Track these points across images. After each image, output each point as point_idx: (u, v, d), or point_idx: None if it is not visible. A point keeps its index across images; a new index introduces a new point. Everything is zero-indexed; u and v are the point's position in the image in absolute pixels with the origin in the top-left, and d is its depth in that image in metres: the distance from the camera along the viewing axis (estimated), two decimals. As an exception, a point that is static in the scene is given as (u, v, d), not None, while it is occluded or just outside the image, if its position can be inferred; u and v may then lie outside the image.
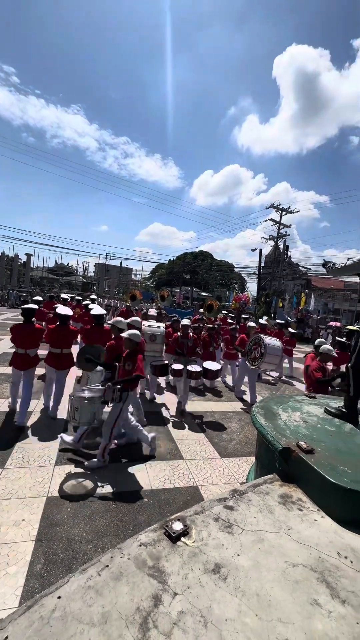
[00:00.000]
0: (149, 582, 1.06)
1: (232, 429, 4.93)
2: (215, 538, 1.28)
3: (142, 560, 1.14)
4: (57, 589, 1.02)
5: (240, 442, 4.48)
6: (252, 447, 4.33)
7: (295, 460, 1.72)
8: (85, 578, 1.06)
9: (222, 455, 4.02)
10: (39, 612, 0.93)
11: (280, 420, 2.27)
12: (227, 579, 1.09)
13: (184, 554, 1.19)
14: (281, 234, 26.53)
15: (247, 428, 5.00)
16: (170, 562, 1.14)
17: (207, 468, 3.65)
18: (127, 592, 1.01)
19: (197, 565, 1.14)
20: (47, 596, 0.99)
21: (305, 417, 2.38)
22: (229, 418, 5.37)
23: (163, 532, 1.28)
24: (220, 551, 1.22)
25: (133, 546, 1.21)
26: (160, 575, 1.09)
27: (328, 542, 1.30)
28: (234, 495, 1.57)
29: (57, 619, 0.92)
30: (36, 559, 2.18)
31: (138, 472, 3.40)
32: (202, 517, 1.40)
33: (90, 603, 0.97)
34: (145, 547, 1.21)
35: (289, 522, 1.40)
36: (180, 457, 3.85)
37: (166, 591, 1.03)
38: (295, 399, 2.86)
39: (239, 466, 3.77)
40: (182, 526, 1.31)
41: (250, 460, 3.94)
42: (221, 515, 1.42)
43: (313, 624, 0.95)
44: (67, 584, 1.03)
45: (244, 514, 1.44)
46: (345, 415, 2.41)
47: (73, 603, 0.97)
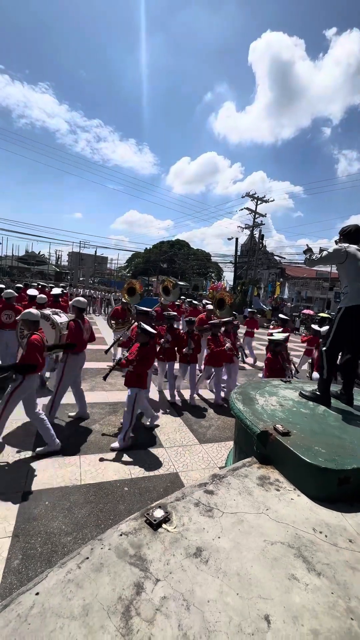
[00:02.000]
0: (131, 571, 1.05)
1: (210, 415, 5.01)
2: (196, 522, 1.29)
3: (123, 549, 1.13)
4: (34, 585, 0.99)
5: (218, 427, 4.57)
6: (231, 432, 4.43)
7: (273, 443, 1.76)
8: (64, 572, 1.03)
9: (201, 441, 4.09)
10: (16, 611, 0.90)
11: (258, 405, 2.32)
12: (208, 562, 1.10)
13: (166, 541, 1.19)
14: (257, 223, 26.84)
15: (225, 414, 5.10)
16: (151, 550, 1.14)
17: (187, 454, 3.70)
18: (108, 583, 1.00)
19: (178, 551, 1.14)
20: (24, 593, 0.96)
21: (282, 401, 2.45)
22: (207, 405, 5.45)
23: (144, 520, 1.27)
24: (202, 535, 1.23)
25: (114, 536, 1.19)
26: (142, 563, 1.08)
27: (304, 519, 1.35)
28: (214, 480, 1.59)
29: (35, 615, 0.89)
30: (13, 555, 2.12)
31: (117, 461, 3.39)
32: (183, 502, 1.40)
33: (70, 597, 0.95)
34: (126, 536, 1.19)
35: (267, 502, 1.44)
36: (160, 445, 3.87)
37: (148, 578, 1.03)
38: (272, 384, 2.93)
39: (218, 451, 3.85)
40: (163, 513, 1.31)
41: (228, 445, 4.03)
42: (202, 500, 1.43)
43: (291, 598, 0.99)
44: (45, 580, 1.00)
45: (224, 498, 1.46)
46: (319, 398, 2.51)
47: (52, 598, 0.94)
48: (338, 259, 2.50)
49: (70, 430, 3.99)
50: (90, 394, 5.29)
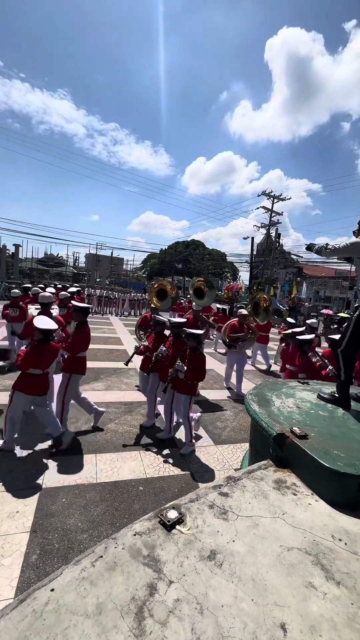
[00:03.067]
0: (144, 571, 1.04)
1: (225, 416, 4.97)
2: (210, 525, 1.27)
3: (137, 549, 1.13)
4: (50, 581, 1.00)
5: (234, 429, 4.52)
6: (246, 433, 4.37)
7: (290, 446, 1.72)
8: (79, 569, 1.04)
9: (216, 442, 4.06)
10: (32, 606, 0.91)
11: (274, 406, 2.27)
12: (222, 565, 1.09)
13: (179, 542, 1.18)
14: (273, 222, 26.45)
15: (240, 415, 5.04)
16: (165, 551, 1.13)
17: (202, 455, 3.68)
18: (121, 582, 1.00)
19: (192, 553, 1.13)
20: (40, 589, 0.97)
21: (299, 403, 2.39)
22: (222, 406, 5.40)
23: (158, 521, 1.27)
24: (216, 538, 1.21)
25: (127, 536, 1.19)
26: (155, 564, 1.07)
27: (322, 525, 1.31)
28: (228, 482, 1.57)
29: (50, 611, 0.90)
30: (31, 550, 2.17)
31: (133, 461, 3.41)
32: (197, 504, 1.39)
33: (84, 594, 0.95)
34: (140, 536, 1.19)
35: (283, 506, 1.41)
36: (175, 445, 3.86)
37: (161, 579, 1.02)
38: (289, 385, 2.87)
39: (233, 452, 3.81)
40: (177, 514, 1.30)
41: (244, 446, 3.98)
42: (216, 502, 1.41)
43: (309, 607, 0.96)
44: (60, 576, 1.01)
45: (239, 500, 1.43)
46: (338, 400, 2.43)
47: (67, 595, 0.95)
48: (357, 252, 2.42)
49: (86, 428, 4.05)
50: (106, 394, 5.36)
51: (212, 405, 5.37)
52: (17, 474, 2.98)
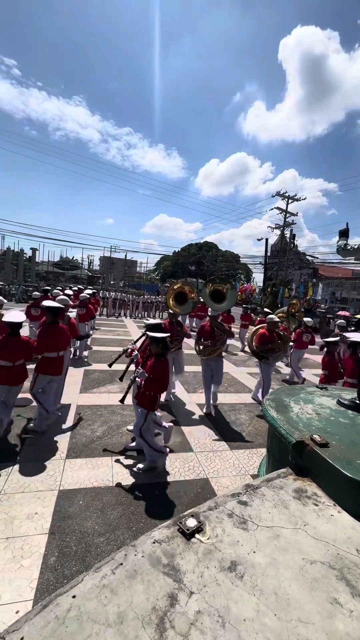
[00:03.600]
0: (164, 581, 1.04)
1: (241, 420, 4.91)
2: (230, 534, 1.26)
3: (157, 557, 1.13)
4: (71, 587, 1.01)
5: (250, 433, 4.47)
6: (262, 438, 4.31)
7: (310, 454, 1.68)
8: (99, 577, 1.04)
9: (232, 447, 4.02)
10: (54, 612, 0.92)
11: (292, 412, 2.23)
12: (243, 577, 1.07)
13: (199, 551, 1.16)
14: (287, 223, 26.10)
15: (256, 420, 4.98)
16: (185, 560, 1.12)
17: (217, 460, 3.65)
18: (142, 591, 1.00)
19: (212, 563, 1.12)
20: (62, 595, 0.98)
21: (318, 409, 2.33)
22: (237, 410, 5.35)
23: (177, 529, 1.26)
24: (236, 548, 1.19)
25: (147, 543, 1.19)
26: (175, 573, 1.07)
27: (346, 538, 1.27)
28: (247, 490, 1.55)
29: (72, 618, 0.91)
30: (50, 552, 2.20)
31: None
32: (216, 512, 1.37)
33: (105, 602, 0.95)
34: (159, 544, 1.19)
35: (304, 517, 1.37)
36: (190, 449, 3.85)
37: (182, 590, 1.01)
38: (307, 391, 2.81)
39: (249, 458, 3.76)
40: (196, 522, 1.29)
41: (260, 452, 3.92)
42: (235, 511, 1.39)
43: (334, 624, 0.92)
44: (81, 583, 1.02)
45: (258, 510, 1.41)
46: (359, 407, 2.36)
47: (88, 602, 0.95)
48: None
49: (102, 431, 4.09)
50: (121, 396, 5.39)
51: (226, 409, 5.32)
52: (35, 474, 3.04)
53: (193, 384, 6.55)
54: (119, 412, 4.72)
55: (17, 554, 2.16)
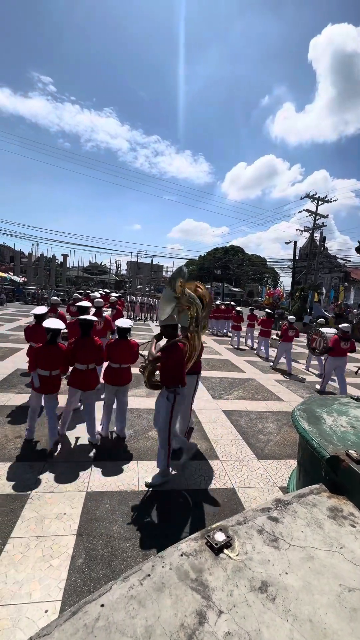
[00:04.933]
0: (193, 597, 1.01)
1: (268, 429, 4.77)
2: (260, 552, 1.21)
3: (184, 571, 1.10)
4: (99, 596, 1.01)
5: (278, 443, 4.32)
6: (291, 449, 4.16)
7: (345, 471, 1.59)
8: (127, 587, 1.04)
9: (259, 456, 3.90)
10: (83, 620, 0.92)
11: (325, 425, 2.13)
12: (275, 600, 1.02)
13: (228, 568, 1.13)
14: (317, 225, 25.28)
15: (284, 429, 4.81)
16: (213, 576, 1.09)
17: (244, 470, 3.56)
18: (170, 606, 0.98)
19: (242, 582, 1.08)
20: (90, 603, 0.98)
21: (353, 422, 2.21)
22: (264, 418, 5.20)
23: (205, 542, 1.23)
24: (267, 567, 1.14)
25: (174, 555, 1.17)
26: (203, 589, 1.04)
27: (388, 565, 1.18)
28: (278, 506, 1.49)
29: (100, 628, 0.90)
30: (77, 554, 2.24)
31: (174, 471, 3.39)
32: (245, 527, 1.33)
33: (133, 614, 0.94)
34: (187, 557, 1.16)
35: (341, 539, 1.29)
36: (215, 457, 3.79)
37: (211, 608, 0.98)
38: (340, 402, 2.68)
39: (278, 469, 3.63)
40: (224, 537, 1.25)
41: (289, 463, 3.78)
42: (265, 527, 1.34)
43: (377, 662, 0.85)
44: (109, 592, 1.02)
45: (290, 527, 1.35)
46: None
47: (116, 613, 0.95)
48: None
49: (128, 435, 4.12)
50: (147, 400, 5.44)
51: (253, 417, 5.19)
52: (65, 476, 3.11)
53: (219, 390, 6.47)
54: (145, 417, 4.76)
55: (47, 553, 2.21)
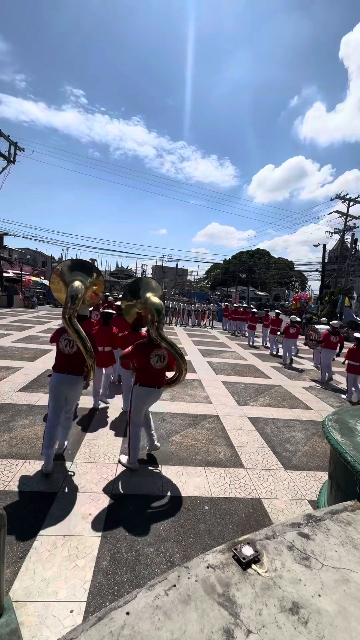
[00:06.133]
0: (219, 612, 0.98)
1: (296, 438, 4.60)
2: (290, 570, 1.15)
3: (211, 584, 1.07)
4: (125, 603, 1.00)
5: (306, 454, 4.15)
6: (321, 460, 3.98)
7: (383, 488, 1.49)
8: (152, 596, 1.02)
9: (287, 467, 3.76)
10: (109, 627, 0.92)
11: (359, 437, 2.01)
12: (308, 624, 0.96)
13: (256, 585, 1.08)
14: (348, 227, 24.30)
15: (313, 439, 4.62)
16: (241, 592, 1.05)
17: (270, 480, 3.44)
18: (196, 620, 0.95)
19: (271, 601, 1.03)
20: (116, 610, 0.98)
21: (391, 435, 2.07)
22: (292, 427, 5.03)
23: (232, 556, 1.19)
24: (298, 587, 1.08)
25: (200, 567, 1.14)
26: (231, 605, 1.00)
27: None
28: (309, 522, 1.42)
29: (126, 637, 0.89)
30: (102, 555, 2.25)
31: (197, 477, 3.35)
32: (274, 543, 1.28)
33: (158, 626, 0.93)
34: (214, 570, 1.13)
35: (379, 562, 1.20)
36: (240, 465, 3.70)
37: (238, 626, 0.94)
38: (376, 413, 2.53)
39: (306, 481, 3.48)
40: (252, 551, 1.20)
41: (319, 475, 3.61)
42: (296, 544, 1.28)
43: None
44: (134, 600, 1.01)
45: (322, 546, 1.27)
46: None
47: (141, 622, 0.93)
48: None
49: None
50: (171, 404, 5.43)
51: (280, 426, 5.03)
52: (90, 477, 3.17)
53: (244, 395, 6.34)
54: (169, 421, 4.75)
55: (73, 553, 2.25)
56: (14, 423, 4.18)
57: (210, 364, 8.92)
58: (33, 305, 21.09)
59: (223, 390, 6.56)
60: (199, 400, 5.79)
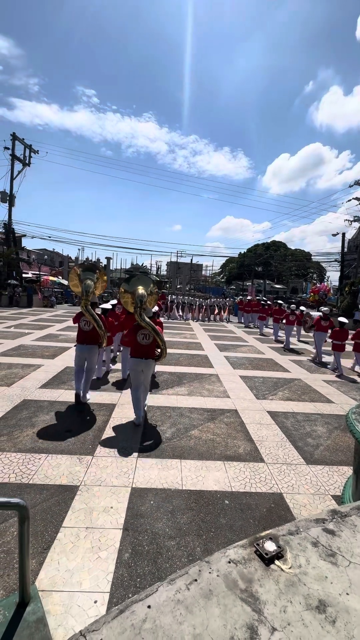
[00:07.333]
0: (242, 608, 0.95)
1: (318, 432, 4.49)
2: (315, 567, 1.11)
3: (233, 580, 1.05)
4: (146, 596, 0.99)
5: (328, 448, 4.05)
6: (344, 455, 3.87)
7: None
8: (174, 590, 1.01)
9: (308, 461, 3.68)
10: (130, 620, 0.91)
11: (387, 430, 1.92)
12: (335, 623, 0.92)
13: (280, 581, 1.05)
14: (369, 214, 23.35)
15: (336, 433, 4.50)
16: (264, 588, 1.02)
17: (292, 474, 3.38)
18: (218, 615, 0.93)
19: (296, 598, 0.99)
20: (137, 603, 0.97)
21: None
22: (313, 420, 4.91)
23: (254, 551, 1.16)
24: (324, 585, 1.04)
25: (222, 562, 1.12)
26: (254, 602, 0.97)
27: None
28: (334, 517, 1.36)
29: (148, 630, 0.89)
30: (124, 548, 2.28)
31: (217, 471, 3.33)
32: (298, 538, 1.24)
33: (180, 620, 0.91)
34: (235, 565, 1.11)
35: None
36: (260, 459, 3.65)
37: (262, 623, 0.91)
38: None
39: (329, 476, 3.40)
40: (275, 547, 1.17)
41: (342, 470, 3.51)
42: (320, 540, 1.23)
43: None
44: (156, 594, 1.00)
45: (349, 542, 1.22)
46: None
47: (163, 616, 0.92)
48: None
49: (171, 433, 4.15)
50: (189, 399, 5.43)
51: (300, 419, 4.93)
52: (111, 470, 3.21)
53: (262, 389, 6.25)
54: (187, 415, 4.75)
55: (95, 545, 2.29)
56: (36, 419, 4.29)
57: (227, 358, 8.85)
58: (52, 305, 21.59)
59: (241, 384, 6.50)
60: (216, 395, 5.76)
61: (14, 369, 6.51)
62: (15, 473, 3.07)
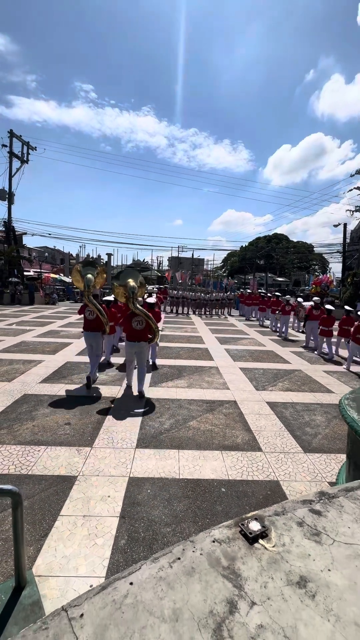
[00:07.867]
0: (223, 584, 0.96)
1: (316, 422, 4.50)
2: (299, 545, 1.12)
3: (216, 558, 1.06)
4: (129, 574, 1.01)
5: (326, 437, 4.06)
6: (342, 443, 3.88)
7: None
8: (157, 567, 1.02)
9: (306, 450, 3.69)
10: (112, 596, 0.93)
11: (378, 415, 1.92)
12: (315, 597, 0.93)
13: (263, 559, 1.06)
14: (371, 204, 23.08)
15: (334, 422, 4.50)
16: (247, 566, 1.03)
17: (289, 462, 3.39)
18: (199, 591, 0.94)
19: (278, 574, 1.00)
20: (120, 580, 0.99)
21: None
22: (312, 410, 4.92)
23: (238, 531, 1.17)
24: (307, 562, 1.05)
25: (206, 541, 1.13)
26: (235, 578, 0.98)
27: None
28: (321, 498, 1.37)
29: (128, 605, 0.90)
30: (120, 535, 2.31)
31: (214, 460, 3.35)
32: (284, 519, 1.24)
33: (161, 596, 0.93)
34: (219, 544, 1.12)
35: (395, 539, 1.15)
36: (258, 448, 3.66)
37: (242, 598, 0.92)
38: None
39: (327, 464, 3.41)
40: (260, 527, 1.18)
41: (340, 458, 3.53)
42: (306, 520, 1.24)
43: None
44: (139, 571, 1.01)
45: (334, 522, 1.23)
46: None
47: (144, 592, 0.94)
48: None
49: (169, 424, 4.17)
50: (188, 391, 5.45)
51: (299, 409, 4.94)
52: (109, 461, 3.24)
53: (262, 381, 6.26)
54: (186, 407, 4.77)
55: (92, 532, 2.32)
56: (36, 412, 4.33)
57: (228, 351, 8.86)
58: (53, 302, 21.65)
59: (241, 376, 6.51)
60: (216, 386, 5.78)
61: (15, 364, 6.56)
62: (15, 464, 3.11)
